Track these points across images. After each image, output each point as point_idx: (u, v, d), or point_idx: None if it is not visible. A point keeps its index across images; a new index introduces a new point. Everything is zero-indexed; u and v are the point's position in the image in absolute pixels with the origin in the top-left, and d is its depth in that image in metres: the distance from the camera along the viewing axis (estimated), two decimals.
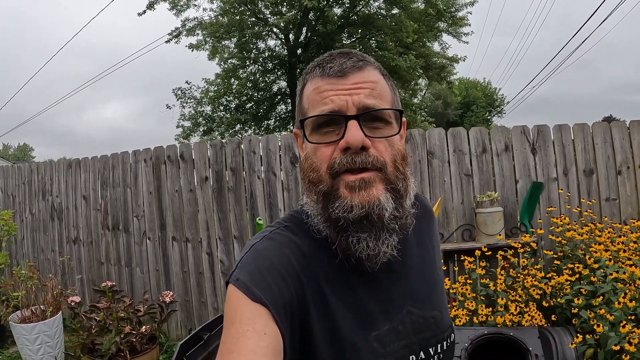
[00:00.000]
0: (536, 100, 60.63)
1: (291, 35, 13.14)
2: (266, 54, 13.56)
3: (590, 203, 2.94)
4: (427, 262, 0.81)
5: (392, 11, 12.42)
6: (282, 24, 11.91)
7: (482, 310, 2.41)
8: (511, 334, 2.10)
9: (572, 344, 2.01)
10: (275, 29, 12.83)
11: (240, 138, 3.60)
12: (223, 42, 12.80)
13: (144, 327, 3.07)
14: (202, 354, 2.13)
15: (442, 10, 12.31)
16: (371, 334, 0.67)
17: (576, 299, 2.23)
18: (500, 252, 2.68)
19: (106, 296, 3.16)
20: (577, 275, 2.41)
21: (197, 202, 3.58)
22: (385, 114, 0.67)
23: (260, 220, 3.14)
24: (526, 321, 2.34)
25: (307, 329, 0.64)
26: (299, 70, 12.58)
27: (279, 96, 14.45)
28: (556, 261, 2.67)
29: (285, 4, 12.12)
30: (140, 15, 11.69)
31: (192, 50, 12.29)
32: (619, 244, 2.49)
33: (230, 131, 13.72)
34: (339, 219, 0.64)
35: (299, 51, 12.99)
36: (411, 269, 0.76)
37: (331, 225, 0.65)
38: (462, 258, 2.70)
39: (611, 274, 2.24)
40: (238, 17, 12.05)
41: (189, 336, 2.14)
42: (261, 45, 13.42)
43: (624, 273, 2.24)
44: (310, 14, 12.23)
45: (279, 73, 13.99)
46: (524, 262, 2.61)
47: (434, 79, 14.30)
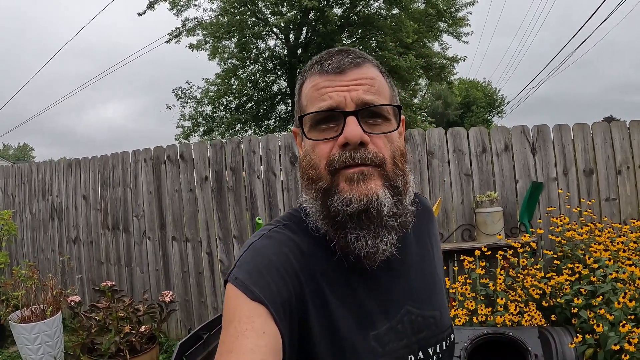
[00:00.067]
0: (536, 100, 60.74)
1: (291, 35, 13.14)
2: (266, 54, 13.57)
3: (590, 203, 2.94)
4: (427, 262, 0.80)
5: (392, 11, 12.42)
6: (282, 24, 11.91)
7: (482, 310, 2.40)
8: (511, 333, 2.09)
9: (571, 343, 2.01)
10: (275, 29, 12.83)
11: (240, 138, 3.59)
12: (223, 42, 12.81)
13: (143, 326, 3.07)
14: (201, 353, 2.13)
15: (442, 10, 12.32)
16: (370, 333, 0.67)
17: (576, 298, 2.23)
18: (500, 252, 2.68)
19: (106, 296, 3.16)
20: (577, 275, 2.41)
21: (197, 202, 3.58)
22: (384, 110, 0.67)
23: (259, 219, 3.15)
24: (526, 321, 2.33)
25: (306, 328, 0.63)
26: (299, 70, 12.50)
27: (279, 96, 14.45)
28: (556, 261, 2.67)
29: (285, 4, 12.12)
30: (140, 15, 11.73)
31: (192, 50, 12.32)
32: (618, 243, 2.49)
33: (230, 131, 13.71)
34: (338, 213, 0.63)
35: (299, 51, 12.99)
36: (410, 267, 0.75)
37: (330, 222, 0.65)
38: (462, 258, 2.70)
39: (611, 273, 2.24)
40: (238, 17, 12.05)
41: (188, 335, 2.13)
42: (261, 45, 13.45)
43: (624, 273, 2.24)
44: (311, 14, 12.23)
45: (279, 73, 13.99)
46: (523, 262, 2.61)
47: (434, 79, 14.29)
